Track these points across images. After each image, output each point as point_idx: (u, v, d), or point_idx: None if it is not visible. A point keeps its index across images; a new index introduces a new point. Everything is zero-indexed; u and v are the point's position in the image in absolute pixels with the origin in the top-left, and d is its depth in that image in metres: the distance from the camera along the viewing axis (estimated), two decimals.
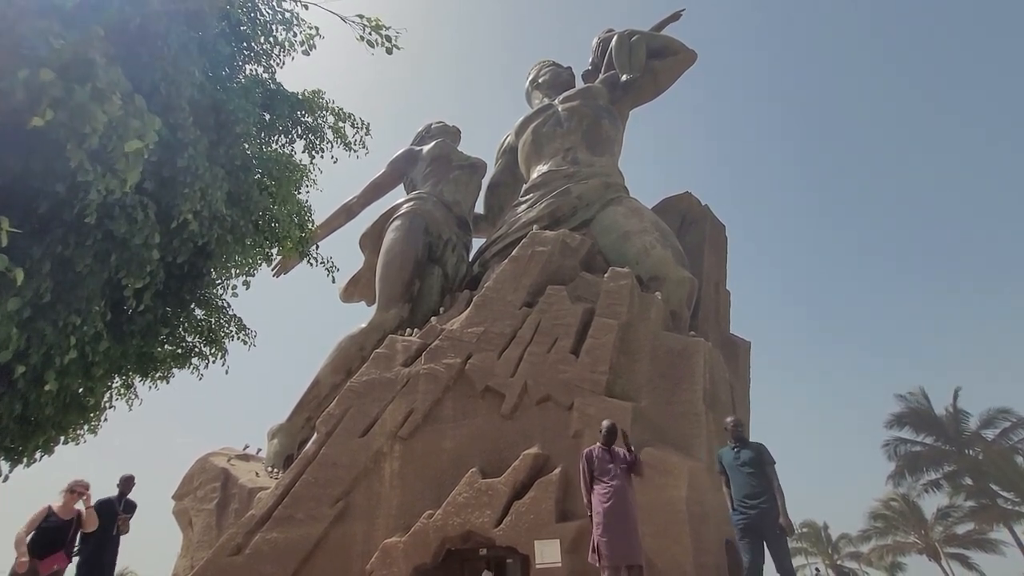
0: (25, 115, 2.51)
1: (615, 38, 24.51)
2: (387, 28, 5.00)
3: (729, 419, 7.43)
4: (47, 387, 4.16)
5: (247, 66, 6.07)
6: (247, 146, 5.69)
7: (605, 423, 6.18)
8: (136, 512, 8.17)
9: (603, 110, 22.87)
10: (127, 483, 7.72)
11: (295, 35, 5.87)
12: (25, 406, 4.82)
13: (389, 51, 5.13)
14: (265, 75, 6.17)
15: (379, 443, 14.94)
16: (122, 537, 7.44)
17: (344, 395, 16.32)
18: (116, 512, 7.18)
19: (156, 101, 3.98)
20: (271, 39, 5.94)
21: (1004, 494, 28.71)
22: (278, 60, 6.15)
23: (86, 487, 6.61)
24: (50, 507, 6.29)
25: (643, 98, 25.08)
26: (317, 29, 5.96)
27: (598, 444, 6.12)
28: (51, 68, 2.46)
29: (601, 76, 25.08)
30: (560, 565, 11.64)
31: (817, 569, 43.55)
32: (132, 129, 2.80)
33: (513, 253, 17.87)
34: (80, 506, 6.67)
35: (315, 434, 16.15)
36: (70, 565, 6.62)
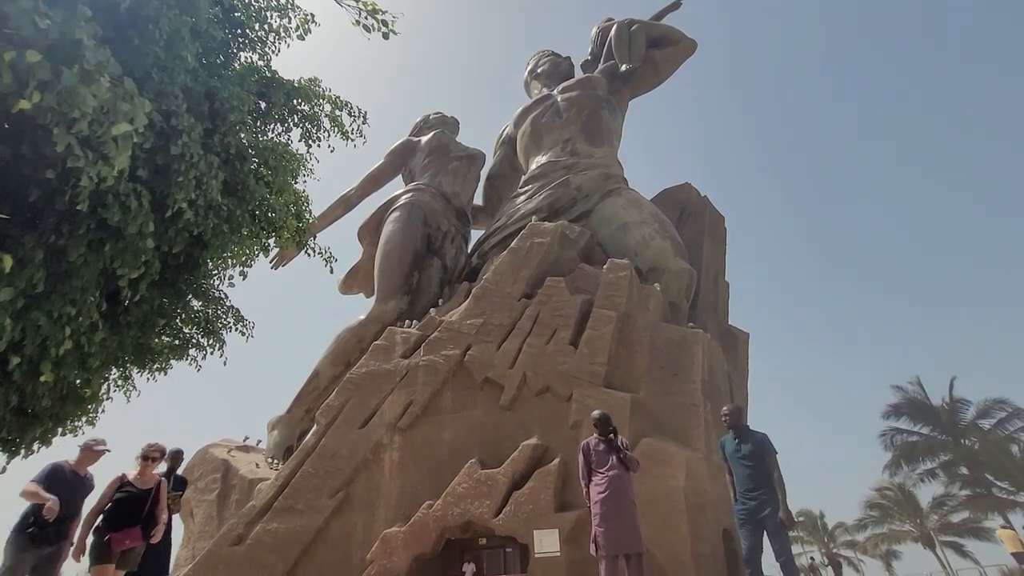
0: (11, 99, 2.45)
1: (614, 27, 24.30)
2: (383, 12, 4.90)
3: (724, 408, 7.43)
4: (43, 378, 4.11)
5: (241, 53, 5.96)
6: (242, 135, 5.61)
7: (595, 413, 6.15)
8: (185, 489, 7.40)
9: (602, 100, 22.71)
10: (176, 458, 7.04)
11: (290, 21, 5.76)
12: (22, 397, 4.77)
13: (386, 36, 5.03)
14: (260, 62, 6.06)
15: (379, 434, 14.98)
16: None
17: (343, 387, 16.34)
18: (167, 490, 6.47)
19: (148, 87, 3.91)
20: (266, 26, 5.83)
21: (999, 483, 28.97)
22: (273, 47, 6.04)
23: (161, 452, 5.76)
24: (124, 476, 5.47)
25: (643, 88, 24.91)
26: (312, 16, 5.85)
27: (594, 435, 6.10)
28: (37, 49, 2.39)
29: (600, 66, 24.87)
30: (559, 554, 11.73)
31: (812, 558, 44.03)
32: (121, 113, 2.73)
33: (512, 244, 17.83)
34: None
35: (315, 425, 16.19)
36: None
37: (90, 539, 5.28)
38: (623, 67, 23.48)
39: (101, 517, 5.28)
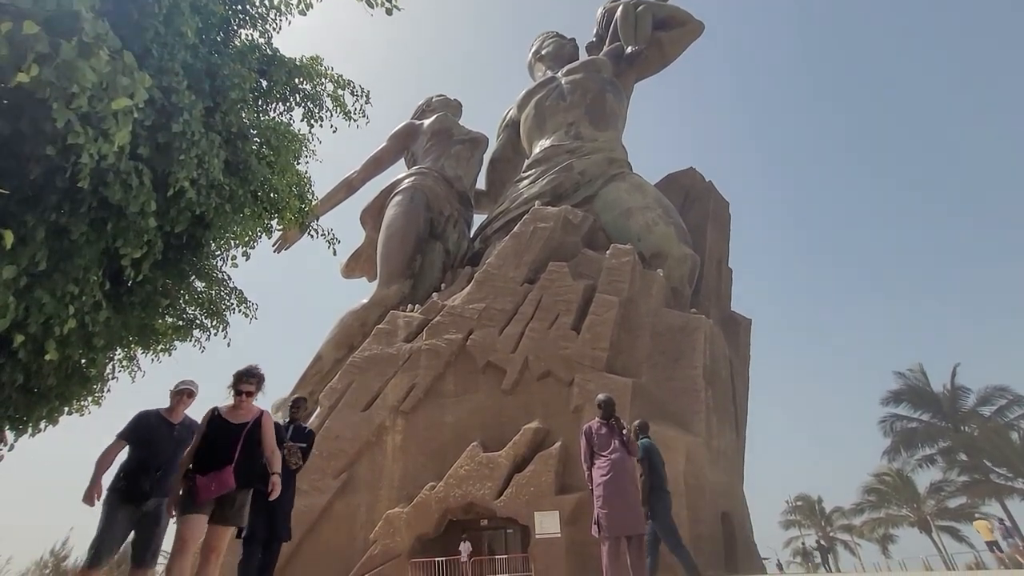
0: (9, 72, 2.40)
1: (620, 8, 23.85)
2: None
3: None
4: (47, 357, 4.10)
5: (242, 30, 5.87)
6: (244, 113, 5.55)
7: (600, 397, 6.17)
8: (312, 442, 6.09)
9: (607, 83, 22.42)
10: (297, 405, 6.06)
11: None
12: (27, 376, 4.79)
13: (389, 11, 4.94)
14: (261, 40, 5.97)
15: (381, 417, 15.16)
16: None
17: (346, 370, 16.48)
18: (283, 440, 5.46)
19: (149, 64, 3.85)
20: (267, 1, 5.73)
21: (997, 469, 29.19)
22: (274, 24, 5.94)
23: (258, 380, 4.52)
24: (216, 409, 4.47)
25: (649, 70, 24.56)
26: None
27: (597, 419, 6.12)
28: (35, 21, 2.34)
29: (606, 48, 24.51)
30: (559, 536, 11.95)
31: (803, 543, 44.77)
32: (121, 87, 2.68)
33: (515, 229, 17.80)
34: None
35: (318, 408, 16.37)
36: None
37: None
38: (629, 49, 23.11)
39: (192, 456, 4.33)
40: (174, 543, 4.03)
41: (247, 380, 4.47)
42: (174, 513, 4.13)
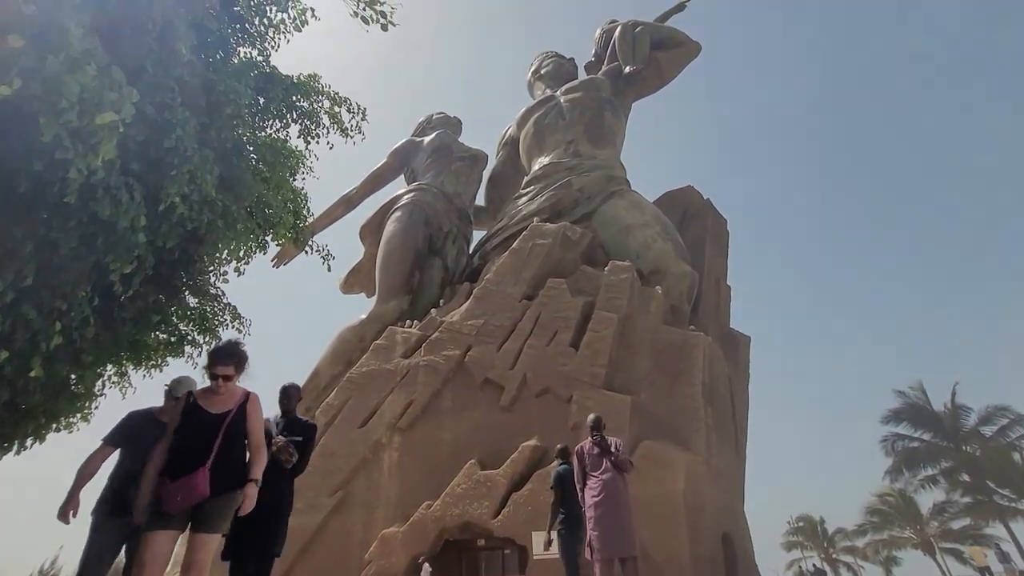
0: None
1: (618, 29, 24.26)
2: (382, 3, 4.85)
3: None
4: (32, 373, 4.02)
5: (240, 48, 5.92)
6: (240, 130, 5.57)
7: (590, 417, 6.11)
8: (313, 437, 5.02)
9: (606, 102, 22.66)
10: (288, 394, 4.99)
11: (288, 14, 5.70)
12: (13, 393, 4.72)
13: (384, 28, 4.99)
14: (259, 58, 6.01)
15: (378, 434, 14.95)
16: None
17: (343, 386, 16.32)
18: (270, 435, 4.58)
19: (143, 80, 3.87)
20: (265, 20, 5.78)
21: (1000, 490, 28.78)
22: (272, 42, 6.00)
23: (237, 359, 3.60)
24: (191, 395, 3.63)
25: (646, 90, 24.87)
26: (313, 10, 5.79)
27: (588, 440, 6.04)
28: (20, 35, 2.35)
29: (604, 68, 24.85)
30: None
31: (800, 566, 44.14)
32: (108, 102, 2.68)
33: (514, 245, 17.81)
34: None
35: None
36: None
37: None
38: (627, 69, 23.43)
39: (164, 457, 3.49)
40: (134, 567, 3.37)
41: (223, 361, 3.52)
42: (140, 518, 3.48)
